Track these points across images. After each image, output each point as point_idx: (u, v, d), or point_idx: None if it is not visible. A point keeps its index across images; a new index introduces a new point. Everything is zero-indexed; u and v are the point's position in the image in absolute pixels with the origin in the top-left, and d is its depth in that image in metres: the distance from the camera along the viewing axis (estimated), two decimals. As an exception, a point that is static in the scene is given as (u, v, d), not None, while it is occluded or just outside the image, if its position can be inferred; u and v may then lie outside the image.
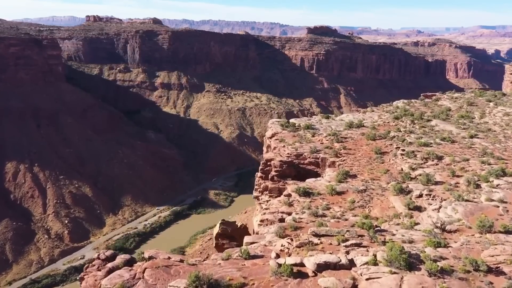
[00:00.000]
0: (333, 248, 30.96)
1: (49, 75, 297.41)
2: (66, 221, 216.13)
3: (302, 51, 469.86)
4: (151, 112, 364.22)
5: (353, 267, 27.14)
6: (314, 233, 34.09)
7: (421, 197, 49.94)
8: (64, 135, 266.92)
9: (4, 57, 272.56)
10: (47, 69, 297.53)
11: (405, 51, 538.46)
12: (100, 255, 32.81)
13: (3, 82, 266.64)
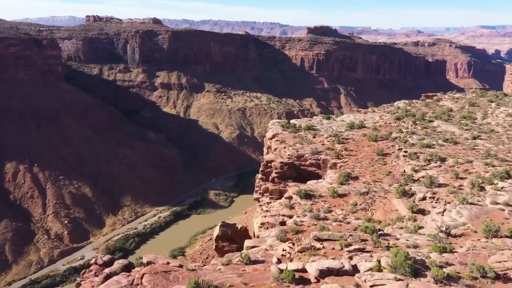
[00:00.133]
0: (335, 253, 30.24)
1: (49, 75, 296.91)
2: (66, 222, 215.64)
3: (302, 51, 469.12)
4: (151, 112, 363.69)
5: (357, 273, 26.46)
6: (316, 237, 33.40)
7: (425, 200, 49.09)
8: (64, 135, 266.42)
9: (4, 57, 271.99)
10: (47, 69, 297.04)
11: (405, 51, 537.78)
12: (98, 260, 32.16)
13: (3, 82, 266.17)
